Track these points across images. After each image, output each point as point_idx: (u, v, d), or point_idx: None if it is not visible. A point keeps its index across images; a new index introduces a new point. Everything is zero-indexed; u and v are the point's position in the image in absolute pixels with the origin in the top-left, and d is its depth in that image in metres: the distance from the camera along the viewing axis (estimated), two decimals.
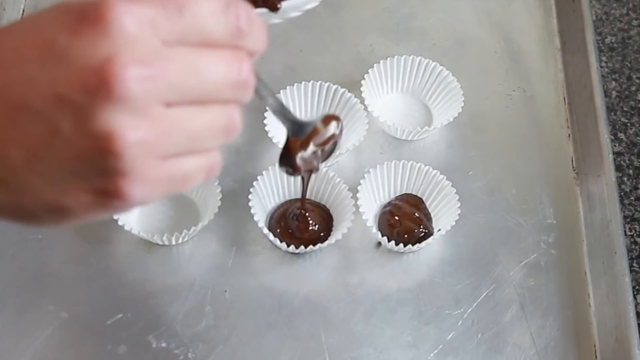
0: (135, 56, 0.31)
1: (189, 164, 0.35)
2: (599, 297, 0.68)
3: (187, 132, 0.34)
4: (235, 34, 0.35)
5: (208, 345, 0.63)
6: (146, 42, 0.31)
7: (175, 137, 0.33)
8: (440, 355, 0.64)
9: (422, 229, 0.68)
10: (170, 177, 0.34)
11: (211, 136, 0.35)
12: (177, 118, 0.33)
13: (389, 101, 0.77)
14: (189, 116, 0.34)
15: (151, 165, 0.33)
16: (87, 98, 0.30)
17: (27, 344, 0.62)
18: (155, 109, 0.32)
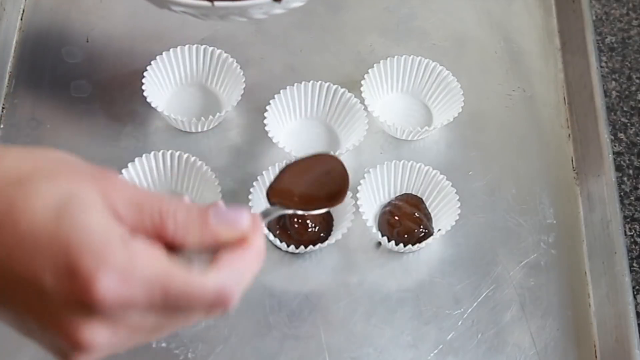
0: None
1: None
2: (599, 297, 0.68)
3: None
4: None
5: (208, 345, 0.63)
6: (119, 322, 0.36)
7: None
8: (440, 355, 0.64)
9: (422, 229, 0.68)
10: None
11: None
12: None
13: (389, 101, 0.77)
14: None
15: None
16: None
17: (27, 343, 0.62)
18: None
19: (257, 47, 0.79)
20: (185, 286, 0.36)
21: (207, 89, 0.75)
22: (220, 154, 0.72)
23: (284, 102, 0.73)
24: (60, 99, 0.74)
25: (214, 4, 0.56)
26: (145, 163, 0.68)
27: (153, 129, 0.73)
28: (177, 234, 0.37)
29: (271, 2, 0.57)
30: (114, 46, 0.78)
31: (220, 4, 0.57)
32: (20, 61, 0.76)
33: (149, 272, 0.35)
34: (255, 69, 0.77)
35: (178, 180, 0.69)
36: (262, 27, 0.81)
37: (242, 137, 0.74)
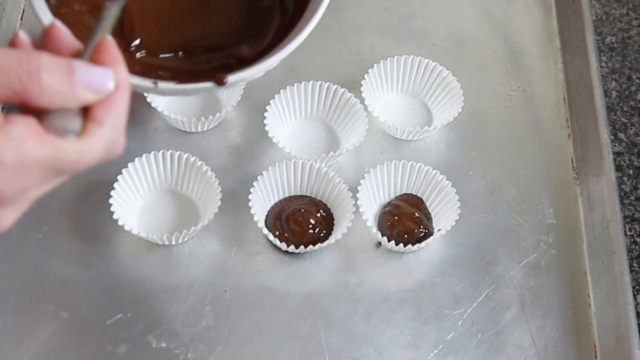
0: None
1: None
2: (599, 297, 0.68)
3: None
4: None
5: (208, 345, 0.63)
6: None
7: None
8: (440, 355, 0.64)
9: (422, 229, 0.68)
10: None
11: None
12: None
13: (389, 101, 0.77)
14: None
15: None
16: None
17: (27, 343, 0.62)
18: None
19: None
20: (78, 157, 0.36)
21: None
22: (220, 154, 0.72)
23: (284, 102, 0.73)
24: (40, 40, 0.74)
25: (157, 86, 0.58)
26: (145, 163, 0.68)
27: (153, 129, 0.73)
28: (42, 99, 0.36)
29: (214, 86, 0.58)
30: None
31: (163, 85, 0.58)
32: None
33: (40, 157, 0.35)
34: None
35: (178, 180, 0.69)
36: None
37: (242, 137, 0.74)
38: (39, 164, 0.35)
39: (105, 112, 0.37)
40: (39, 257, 0.66)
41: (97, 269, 0.66)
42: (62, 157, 0.36)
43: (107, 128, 0.37)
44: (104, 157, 0.38)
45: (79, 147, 0.36)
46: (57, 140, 0.36)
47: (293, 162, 0.68)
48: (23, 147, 0.34)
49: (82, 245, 0.67)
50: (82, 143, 0.36)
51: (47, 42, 0.39)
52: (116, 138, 0.38)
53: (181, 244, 0.68)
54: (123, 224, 0.64)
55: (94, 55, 0.39)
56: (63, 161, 0.36)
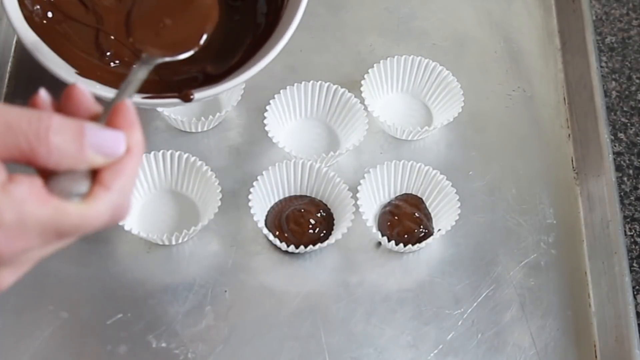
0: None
1: None
2: (599, 297, 0.68)
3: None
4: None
5: (208, 345, 0.63)
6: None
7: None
8: (440, 355, 0.64)
9: (422, 229, 0.68)
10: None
11: None
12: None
13: (389, 101, 0.77)
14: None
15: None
16: None
17: (27, 343, 0.62)
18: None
19: None
20: (80, 220, 0.35)
21: None
22: (220, 154, 0.72)
23: (284, 102, 0.73)
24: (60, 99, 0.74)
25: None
26: (145, 163, 0.68)
27: (153, 129, 0.73)
28: (49, 161, 0.35)
29: (180, 102, 0.58)
30: None
31: (133, 100, 0.58)
32: (20, 61, 0.76)
33: (40, 218, 0.34)
34: None
35: (178, 180, 0.69)
36: None
37: (242, 137, 0.74)
38: (39, 226, 0.34)
39: (113, 176, 0.37)
40: None
41: (97, 269, 0.66)
42: (63, 220, 0.35)
43: (114, 192, 0.37)
44: (108, 221, 0.37)
45: (82, 210, 0.36)
46: (60, 203, 0.35)
47: (293, 162, 0.68)
48: (24, 208, 0.34)
49: (82, 245, 0.67)
50: (86, 207, 0.36)
51: (67, 103, 0.39)
52: (122, 202, 0.37)
53: (181, 244, 0.68)
54: (123, 224, 0.64)
55: (109, 118, 0.38)
56: (65, 224, 0.35)
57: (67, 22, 0.63)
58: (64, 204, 0.35)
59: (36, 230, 0.34)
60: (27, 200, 0.34)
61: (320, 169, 0.69)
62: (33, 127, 0.34)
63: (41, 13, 0.61)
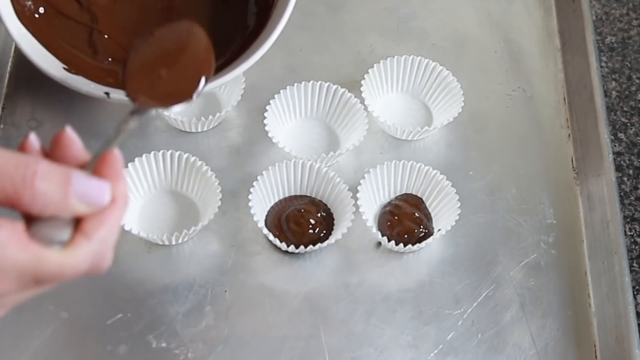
0: None
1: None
2: (599, 297, 0.68)
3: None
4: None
5: (208, 345, 0.63)
6: None
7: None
8: (440, 355, 0.64)
9: (422, 229, 0.68)
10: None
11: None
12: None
13: (389, 101, 0.77)
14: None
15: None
16: None
17: (27, 343, 0.62)
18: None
19: None
20: (59, 269, 0.35)
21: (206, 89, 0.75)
22: (220, 154, 0.72)
23: (284, 102, 0.73)
24: (60, 99, 0.74)
25: (109, 96, 0.58)
26: (145, 163, 0.68)
27: (153, 129, 0.73)
28: (34, 206, 0.35)
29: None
30: None
31: (115, 96, 0.58)
32: (20, 61, 0.76)
33: (19, 263, 0.34)
34: (255, 69, 0.76)
35: (178, 180, 0.69)
36: None
37: (242, 137, 0.74)
38: (17, 271, 0.34)
39: (95, 226, 0.37)
40: None
41: None
42: (42, 267, 0.35)
43: (95, 242, 0.37)
44: (87, 270, 0.37)
45: (61, 259, 0.36)
46: (39, 249, 0.35)
47: (293, 162, 0.68)
48: (3, 251, 0.34)
49: None
50: (65, 255, 0.36)
51: (56, 149, 0.39)
52: (103, 253, 0.37)
53: (181, 244, 0.68)
54: (123, 224, 0.64)
55: (96, 166, 0.38)
56: (43, 271, 0.35)
57: (59, 19, 0.63)
58: (44, 251, 0.35)
59: (14, 274, 0.34)
60: (8, 245, 0.34)
61: (320, 169, 0.69)
62: (19, 171, 0.34)
63: (33, 8, 0.62)
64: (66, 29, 0.63)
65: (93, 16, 0.64)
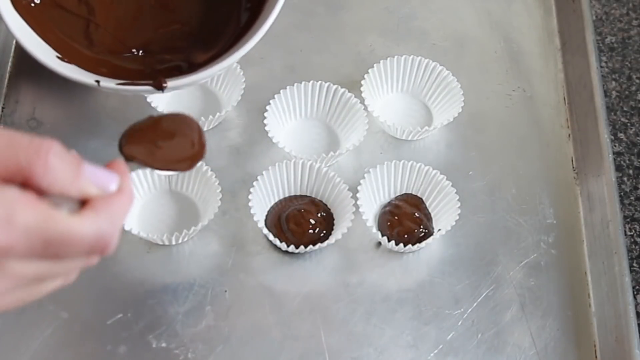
0: None
1: (41, 288, 0.39)
2: (599, 297, 0.68)
3: (38, 277, 0.38)
4: (96, 255, 0.39)
5: (208, 345, 0.63)
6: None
7: (26, 282, 0.37)
8: (440, 355, 0.64)
9: (422, 229, 0.68)
10: (21, 301, 0.38)
11: (66, 276, 0.41)
12: (27, 271, 0.37)
13: (389, 101, 0.77)
14: (41, 267, 0.37)
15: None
16: None
17: (27, 343, 0.62)
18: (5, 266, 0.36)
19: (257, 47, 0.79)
20: (66, 231, 0.36)
21: (207, 89, 0.75)
22: (220, 154, 0.72)
23: (284, 102, 0.73)
24: (60, 99, 0.74)
25: (100, 84, 0.59)
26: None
27: None
28: (44, 179, 0.36)
29: (153, 89, 0.59)
30: None
31: (105, 84, 0.59)
32: (20, 61, 0.76)
33: (28, 219, 0.35)
34: (255, 69, 0.77)
35: (178, 180, 0.69)
36: None
37: (242, 137, 0.74)
38: (25, 226, 0.35)
39: (103, 205, 0.38)
40: None
41: (97, 269, 0.66)
42: (50, 227, 0.35)
43: (102, 218, 0.37)
44: (92, 244, 0.37)
45: (69, 221, 0.36)
46: (48, 208, 0.35)
47: (293, 162, 0.68)
48: (13, 205, 0.34)
49: None
50: (73, 219, 0.36)
51: None
52: (109, 232, 0.38)
53: (181, 244, 0.68)
54: (123, 224, 0.64)
55: (105, 167, 0.40)
56: (51, 231, 0.35)
57: (56, 10, 0.63)
58: (53, 210, 0.35)
59: (21, 229, 0.35)
60: (18, 201, 0.34)
61: (320, 169, 0.69)
62: (34, 145, 0.36)
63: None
64: (63, 20, 0.64)
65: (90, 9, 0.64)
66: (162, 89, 0.59)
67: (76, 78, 0.58)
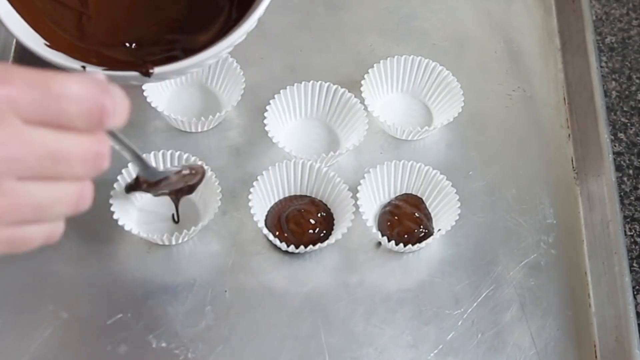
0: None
1: (31, 231, 0.38)
2: (599, 297, 0.68)
3: (35, 205, 0.37)
4: (96, 122, 0.37)
5: (208, 345, 0.63)
6: (5, 121, 0.34)
7: (22, 210, 0.36)
8: (440, 355, 0.64)
9: (422, 229, 0.68)
10: (10, 240, 0.38)
11: (59, 209, 0.38)
12: (27, 192, 0.36)
13: (389, 101, 0.77)
14: (39, 191, 0.36)
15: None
16: None
17: (27, 343, 0.62)
18: (6, 184, 0.34)
19: (257, 47, 0.79)
20: (64, 77, 0.35)
21: (207, 89, 0.75)
22: (220, 154, 0.72)
23: (284, 102, 0.73)
24: None
25: (85, 69, 0.59)
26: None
27: (153, 129, 0.73)
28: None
29: (139, 76, 0.59)
30: None
31: (90, 70, 0.59)
32: (20, 61, 0.76)
33: (25, 75, 0.34)
34: (255, 69, 0.77)
35: None
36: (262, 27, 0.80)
37: (242, 137, 0.74)
38: (23, 73, 0.34)
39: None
40: (39, 257, 0.66)
41: (97, 269, 0.66)
42: (48, 77, 0.35)
43: (95, 81, 0.37)
44: (89, 105, 0.36)
45: (65, 75, 0.36)
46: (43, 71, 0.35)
47: (293, 162, 0.68)
48: (7, 69, 0.34)
49: (82, 245, 0.67)
50: (68, 75, 0.36)
51: None
52: (110, 94, 0.37)
53: (181, 244, 0.68)
54: (123, 224, 0.64)
55: None
56: (49, 77, 0.35)
57: (48, 1, 0.63)
58: (48, 72, 0.35)
59: (19, 75, 0.34)
60: (12, 66, 0.35)
61: (320, 169, 0.69)
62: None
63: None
64: (55, 11, 0.64)
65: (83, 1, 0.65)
66: (148, 75, 0.59)
67: (62, 64, 0.58)
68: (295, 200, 0.69)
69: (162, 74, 0.59)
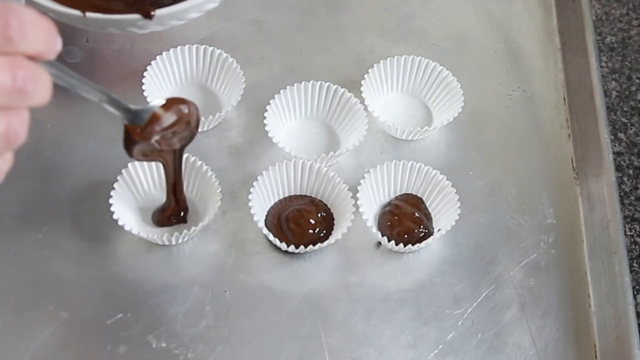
0: None
1: None
2: (599, 297, 0.68)
3: None
4: (3, 41, 0.35)
5: (208, 345, 0.63)
6: None
7: None
8: (440, 355, 0.64)
9: (422, 229, 0.68)
10: None
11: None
12: None
13: (389, 101, 0.77)
14: None
15: None
16: None
17: (27, 343, 0.62)
18: None
19: (257, 47, 0.79)
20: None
21: (207, 89, 0.75)
22: (220, 154, 0.72)
23: (284, 102, 0.73)
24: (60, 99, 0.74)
25: (85, 15, 0.58)
26: (145, 163, 0.67)
27: None
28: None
29: (141, 19, 0.58)
30: (114, 46, 0.78)
31: (91, 15, 0.58)
32: None
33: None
34: (255, 69, 0.77)
35: None
36: (262, 27, 0.81)
37: (242, 137, 0.74)
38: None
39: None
40: (39, 257, 0.66)
41: (97, 269, 0.66)
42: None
43: None
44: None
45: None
46: None
47: (293, 162, 0.68)
48: None
49: (82, 245, 0.67)
50: None
51: None
52: (16, 12, 0.35)
53: (181, 244, 0.68)
54: (123, 224, 0.64)
55: None
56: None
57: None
58: None
59: None
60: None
61: (320, 169, 0.69)
62: None
63: None
64: None
65: None
66: (150, 17, 0.58)
67: (62, 11, 0.58)
68: (295, 200, 0.69)
69: (163, 17, 0.59)
